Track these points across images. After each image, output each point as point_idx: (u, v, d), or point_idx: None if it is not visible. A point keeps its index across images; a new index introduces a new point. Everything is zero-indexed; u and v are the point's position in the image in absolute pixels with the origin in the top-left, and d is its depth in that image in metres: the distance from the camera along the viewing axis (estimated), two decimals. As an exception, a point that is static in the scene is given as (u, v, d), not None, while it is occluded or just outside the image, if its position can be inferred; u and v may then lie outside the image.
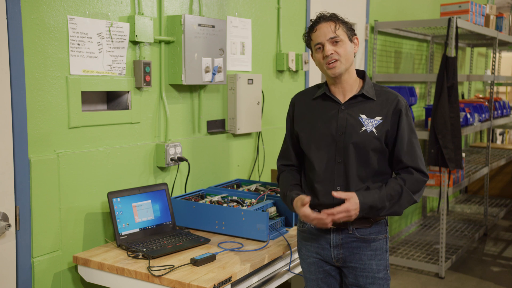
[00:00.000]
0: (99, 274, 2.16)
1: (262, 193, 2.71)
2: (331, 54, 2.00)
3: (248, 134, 3.30)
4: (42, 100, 2.14)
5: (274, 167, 3.47)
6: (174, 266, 2.06)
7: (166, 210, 2.50)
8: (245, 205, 2.56)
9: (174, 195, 2.73)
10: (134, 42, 2.49)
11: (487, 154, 5.37)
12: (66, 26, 2.20)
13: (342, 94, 2.10)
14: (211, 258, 2.14)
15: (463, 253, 4.92)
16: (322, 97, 2.13)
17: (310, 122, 2.13)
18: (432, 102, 5.56)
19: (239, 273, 2.08)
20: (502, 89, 9.02)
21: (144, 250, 2.19)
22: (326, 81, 2.14)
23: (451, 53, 4.12)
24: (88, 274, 2.21)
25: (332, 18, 2.04)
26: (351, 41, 2.06)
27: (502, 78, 5.76)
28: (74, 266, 2.28)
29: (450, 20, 4.13)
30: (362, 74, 2.14)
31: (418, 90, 5.51)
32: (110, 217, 2.36)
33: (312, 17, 2.32)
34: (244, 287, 2.18)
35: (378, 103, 2.07)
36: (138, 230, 2.38)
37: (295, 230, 2.52)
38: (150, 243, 2.27)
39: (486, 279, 4.33)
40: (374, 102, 2.07)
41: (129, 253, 2.21)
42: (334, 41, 2.01)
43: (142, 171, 2.59)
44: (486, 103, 5.30)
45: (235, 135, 3.19)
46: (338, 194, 1.96)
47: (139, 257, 2.17)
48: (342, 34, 2.02)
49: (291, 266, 2.45)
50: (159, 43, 2.63)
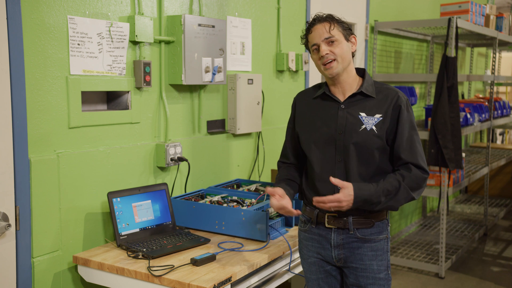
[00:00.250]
0: (99, 274, 2.16)
1: (262, 193, 2.71)
2: (327, 54, 2.00)
3: (248, 134, 3.30)
4: (42, 100, 2.14)
5: (274, 167, 3.47)
6: (174, 266, 2.06)
7: (166, 210, 2.50)
8: (245, 205, 2.56)
9: (174, 195, 2.73)
10: (134, 42, 2.49)
11: (487, 154, 5.37)
12: (66, 26, 2.20)
13: (342, 94, 2.10)
14: (211, 258, 2.14)
15: (463, 253, 4.92)
16: (322, 96, 2.13)
17: (310, 121, 2.13)
18: (432, 102, 5.56)
19: (239, 273, 2.08)
20: (502, 89, 9.01)
21: (144, 250, 2.19)
22: (326, 81, 2.14)
23: (451, 53, 4.12)
24: (88, 274, 2.21)
25: (327, 18, 2.04)
26: (348, 40, 2.05)
27: (502, 78, 5.76)
28: (74, 266, 2.28)
29: (450, 20, 4.13)
30: (362, 73, 2.14)
31: (418, 90, 5.51)
32: (110, 217, 2.36)
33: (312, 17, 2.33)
34: (244, 287, 2.18)
35: (378, 101, 2.06)
36: (138, 230, 2.38)
37: (295, 230, 2.52)
38: (150, 243, 2.27)
39: (486, 279, 4.33)
40: (374, 100, 2.06)
41: (129, 253, 2.21)
42: (330, 41, 2.01)
43: (142, 171, 2.59)
44: (486, 103, 5.30)
45: (235, 135, 3.19)
46: (335, 181, 1.95)
47: (139, 257, 2.17)
48: (337, 34, 2.02)
49: (291, 266, 2.45)
50: (159, 43, 2.63)
